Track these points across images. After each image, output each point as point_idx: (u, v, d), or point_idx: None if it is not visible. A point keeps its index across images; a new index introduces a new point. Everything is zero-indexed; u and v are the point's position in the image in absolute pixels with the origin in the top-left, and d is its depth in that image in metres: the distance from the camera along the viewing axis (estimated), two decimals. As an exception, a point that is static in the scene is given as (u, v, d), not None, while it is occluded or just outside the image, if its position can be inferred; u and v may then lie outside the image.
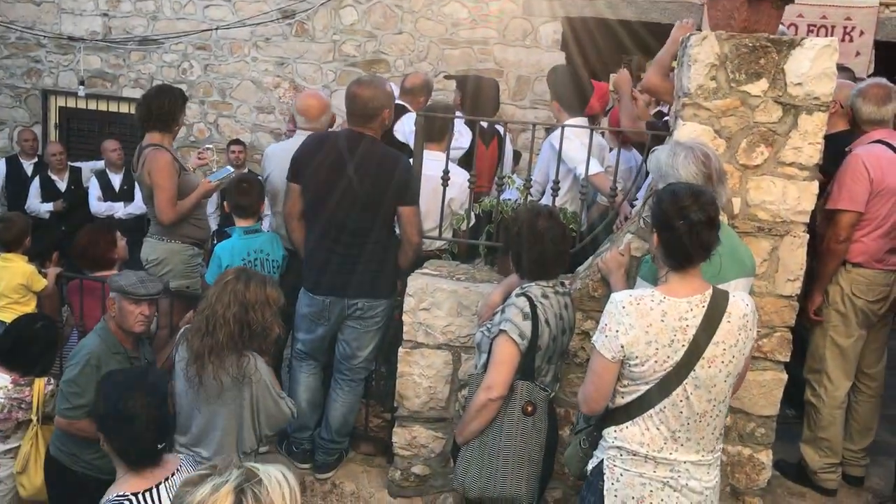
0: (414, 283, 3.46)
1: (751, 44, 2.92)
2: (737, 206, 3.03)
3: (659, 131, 3.44)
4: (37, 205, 6.90)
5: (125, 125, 7.80)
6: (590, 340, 2.64)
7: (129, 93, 7.96)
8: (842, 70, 3.64)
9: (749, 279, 2.69)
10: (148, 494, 2.28)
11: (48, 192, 6.98)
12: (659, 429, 2.32)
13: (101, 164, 7.08)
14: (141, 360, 3.43)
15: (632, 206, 3.62)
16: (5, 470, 3.56)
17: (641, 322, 2.26)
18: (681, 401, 2.29)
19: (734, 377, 2.36)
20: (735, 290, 2.40)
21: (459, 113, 4.55)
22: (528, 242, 2.78)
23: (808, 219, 3.06)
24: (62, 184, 7.06)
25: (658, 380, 2.29)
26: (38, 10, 8.19)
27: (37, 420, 3.53)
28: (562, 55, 6.93)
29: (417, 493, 3.58)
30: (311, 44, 7.58)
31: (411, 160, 3.64)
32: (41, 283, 4.30)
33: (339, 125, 4.53)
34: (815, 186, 3.02)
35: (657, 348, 2.26)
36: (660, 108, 4.97)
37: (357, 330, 3.56)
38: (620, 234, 3.28)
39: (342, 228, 3.44)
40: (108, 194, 6.87)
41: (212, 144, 6.31)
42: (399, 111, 4.42)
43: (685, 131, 2.98)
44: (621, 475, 2.37)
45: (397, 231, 3.56)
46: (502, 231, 3.37)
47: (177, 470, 2.41)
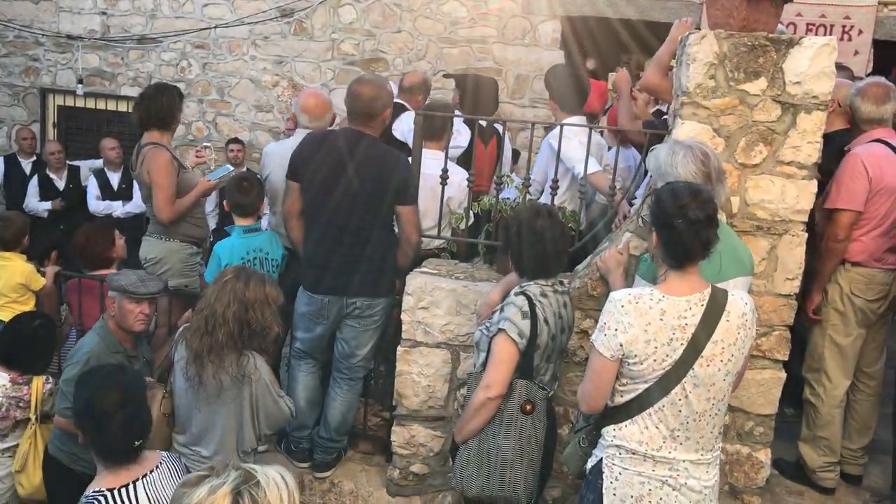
0: (413, 281, 3.45)
1: (749, 43, 2.92)
2: (735, 205, 3.03)
3: (657, 130, 3.44)
4: (35, 203, 6.90)
5: (123, 124, 7.79)
6: (589, 339, 2.65)
7: (127, 91, 7.96)
8: (840, 69, 3.64)
9: (748, 278, 2.69)
10: (124, 490, 2.28)
11: (46, 191, 6.97)
12: (658, 427, 2.32)
13: (99, 162, 7.07)
14: (140, 359, 3.43)
15: (631, 205, 3.62)
16: (4, 469, 3.56)
17: (640, 321, 2.26)
18: (680, 399, 2.29)
19: (733, 376, 2.36)
20: (734, 289, 2.40)
21: (458, 112, 4.55)
22: (528, 241, 2.77)
23: (806, 218, 3.06)
24: (60, 182, 7.06)
25: (657, 378, 2.29)
26: (37, 9, 8.18)
27: (35, 419, 3.54)
28: (561, 54, 6.93)
29: (416, 491, 3.58)
30: (310, 42, 7.58)
31: (410, 159, 3.64)
32: (40, 281, 4.30)
33: (339, 124, 4.52)
34: (813, 185, 3.03)
35: (656, 347, 2.26)
36: (659, 106, 4.97)
37: (356, 329, 3.56)
38: (619, 232, 3.28)
39: (342, 228, 3.43)
40: (107, 193, 6.86)
41: (209, 143, 6.31)
42: (397, 110, 4.41)
43: (684, 130, 2.98)
44: (620, 474, 2.37)
45: (396, 230, 3.56)
46: (501, 230, 3.37)
47: (156, 467, 2.40)
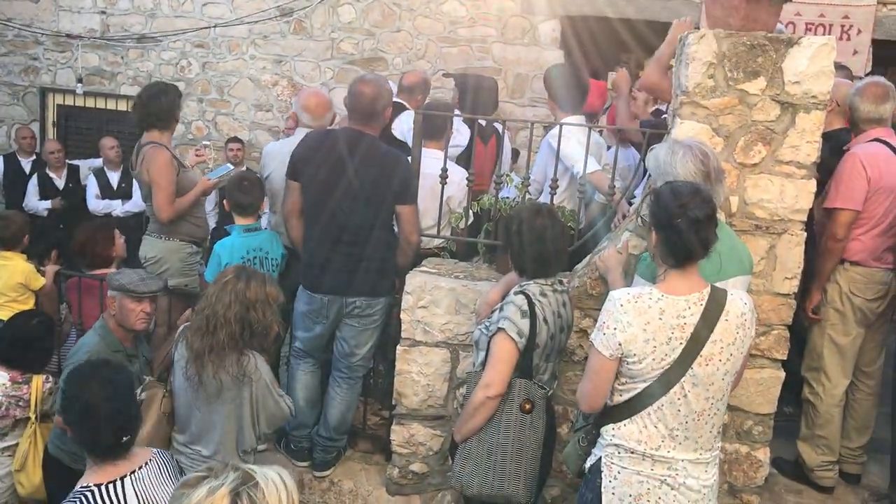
0: (412, 280, 3.46)
1: (749, 42, 2.92)
2: (734, 205, 3.03)
3: (657, 130, 3.44)
4: (35, 203, 6.90)
5: (123, 123, 7.78)
6: (588, 338, 2.65)
7: (127, 90, 7.94)
8: (839, 68, 3.64)
9: (747, 277, 2.70)
10: (112, 486, 2.27)
11: (46, 190, 6.98)
12: (657, 426, 2.33)
13: (99, 161, 7.07)
14: (139, 358, 3.44)
15: (630, 204, 3.62)
16: (3, 468, 3.56)
17: (639, 320, 2.26)
18: (679, 399, 2.29)
19: (732, 375, 2.36)
20: (733, 289, 2.40)
21: (458, 111, 4.55)
22: (527, 240, 2.78)
23: (805, 217, 3.06)
24: (60, 182, 7.06)
25: (656, 378, 2.29)
26: (36, 8, 8.16)
27: (35, 418, 3.53)
28: (560, 53, 6.93)
29: (415, 490, 3.59)
30: (310, 41, 7.57)
31: (409, 158, 3.64)
32: (39, 281, 4.30)
33: (338, 123, 4.52)
34: (812, 185, 3.03)
35: (655, 346, 2.26)
36: (658, 106, 4.97)
37: (355, 328, 3.56)
38: (618, 231, 3.28)
39: (342, 227, 3.44)
40: (107, 192, 6.87)
41: (208, 142, 6.31)
42: (397, 109, 4.41)
43: (683, 129, 2.99)
44: (619, 473, 2.37)
45: (396, 230, 3.56)
46: (501, 229, 3.37)
47: (146, 463, 2.39)
